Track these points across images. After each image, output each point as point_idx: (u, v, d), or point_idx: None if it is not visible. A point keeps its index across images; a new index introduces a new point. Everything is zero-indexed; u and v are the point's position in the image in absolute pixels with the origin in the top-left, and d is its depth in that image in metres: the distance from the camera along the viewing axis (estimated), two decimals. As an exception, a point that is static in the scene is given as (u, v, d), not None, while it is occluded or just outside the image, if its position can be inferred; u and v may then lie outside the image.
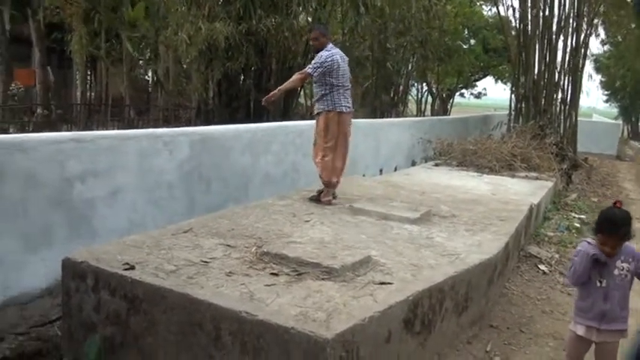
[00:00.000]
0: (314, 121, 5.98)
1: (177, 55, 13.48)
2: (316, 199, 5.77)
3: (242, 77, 11.85)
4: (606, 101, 42.62)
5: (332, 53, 5.67)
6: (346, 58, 5.84)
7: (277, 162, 7.23)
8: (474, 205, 6.34)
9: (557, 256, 6.46)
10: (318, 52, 5.79)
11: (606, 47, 33.29)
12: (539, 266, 6.06)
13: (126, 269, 3.32)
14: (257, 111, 11.60)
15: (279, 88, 5.93)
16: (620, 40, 30.07)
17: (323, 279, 3.41)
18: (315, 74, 5.62)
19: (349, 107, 5.79)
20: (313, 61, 5.73)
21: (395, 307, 3.14)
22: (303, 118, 16.46)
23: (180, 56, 12.37)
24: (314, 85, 5.80)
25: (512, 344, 4.23)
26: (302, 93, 19.77)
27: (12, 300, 4.14)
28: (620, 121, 33.45)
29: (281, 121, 10.06)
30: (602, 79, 38.03)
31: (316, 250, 3.83)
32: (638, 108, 37.93)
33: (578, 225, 8.17)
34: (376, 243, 4.32)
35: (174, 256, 3.63)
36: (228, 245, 3.98)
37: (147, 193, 5.27)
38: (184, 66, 14.94)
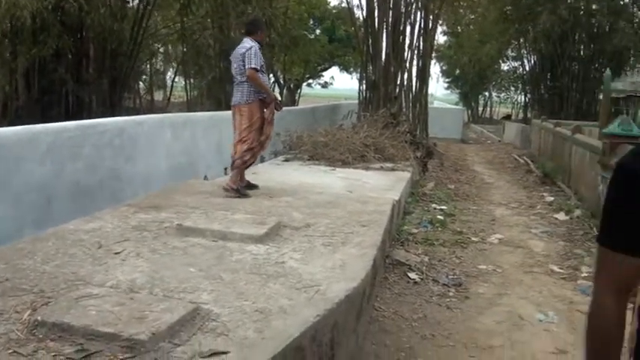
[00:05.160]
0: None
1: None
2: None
3: (55, 66, 9.94)
4: (447, 88, 45.14)
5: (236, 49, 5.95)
6: (240, 52, 5.77)
7: (91, 169, 5.82)
8: (330, 208, 5.47)
9: (426, 259, 5.77)
10: None
11: (446, 38, 35.21)
12: (409, 274, 5.31)
13: None
14: (78, 106, 9.88)
15: (267, 91, 5.98)
16: (461, 30, 31.68)
17: (122, 360, 2.26)
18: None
19: (234, 100, 5.88)
20: None
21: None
22: (138, 112, 14.77)
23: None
24: None
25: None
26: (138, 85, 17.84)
27: None
28: (463, 107, 35.35)
29: (110, 116, 8.48)
30: (443, 68, 40.26)
31: (118, 307, 2.64)
32: (479, 94, 40.62)
33: (441, 217, 7.66)
34: (209, 280, 3.22)
35: None
36: (-13, 310, 2.66)
37: None
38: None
